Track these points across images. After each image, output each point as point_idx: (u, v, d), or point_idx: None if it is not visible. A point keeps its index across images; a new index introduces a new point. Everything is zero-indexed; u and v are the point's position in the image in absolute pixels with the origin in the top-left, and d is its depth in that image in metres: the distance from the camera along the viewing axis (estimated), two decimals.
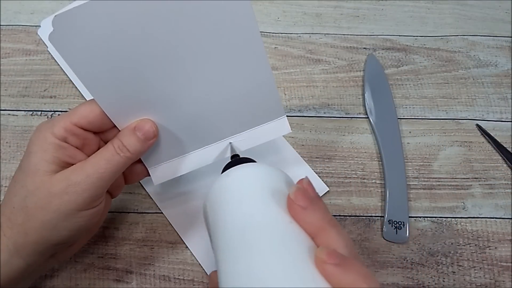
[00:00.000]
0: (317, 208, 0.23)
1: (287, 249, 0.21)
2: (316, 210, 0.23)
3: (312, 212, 0.23)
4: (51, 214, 0.26)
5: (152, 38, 0.27)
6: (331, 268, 0.20)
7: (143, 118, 0.30)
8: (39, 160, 0.27)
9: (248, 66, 0.30)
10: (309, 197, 0.23)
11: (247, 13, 0.28)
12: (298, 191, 0.23)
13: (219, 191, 0.26)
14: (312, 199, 0.23)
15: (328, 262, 0.20)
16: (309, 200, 0.23)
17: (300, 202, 0.23)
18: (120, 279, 0.35)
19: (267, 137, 0.34)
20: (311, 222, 0.23)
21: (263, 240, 0.22)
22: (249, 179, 0.26)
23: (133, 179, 0.33)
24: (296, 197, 0.23)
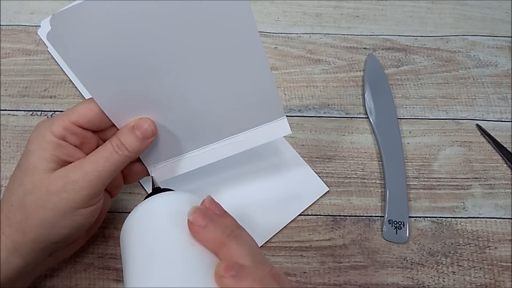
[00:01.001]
0: (217, 224, 0.23)
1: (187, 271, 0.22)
2: (215, 226, 0.23)
3: (212, 229, 0.23)
4: (49, 212, 0.26)
5: (150, 37, 0.27)
6: (229, 281, 0.20)
7: (142, 117, 0.30)
8: (38, 158, 0.27)
9: (247, 66, 0.30)
10: (208, 216, 0.24)
11: (246, 13, 0.27)
12: (196, 212, 0.24)
13: (128, 224, 0.27)
14: (211, 216, 0.24)
15: (225, 276, 0.21)
16: (208, 219, 0.24)
17: (198, 222, 0.23)
18: (120, 279, 0.35)
19: (267, 138, 0.33)
20: (211, 239, 0.23)
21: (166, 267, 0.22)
22: (156, 208, 0.26)
23: (133, 179, 0.33)
24: (194, 218, 0.24)
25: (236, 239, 0.23)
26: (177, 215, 0.25)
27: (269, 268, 0.23)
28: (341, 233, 0.38)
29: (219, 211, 0.25)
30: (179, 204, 0.27)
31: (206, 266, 0.22)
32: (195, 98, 0.30)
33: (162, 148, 0.32)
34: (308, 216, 0.38)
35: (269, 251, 0.37)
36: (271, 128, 0.33)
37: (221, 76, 0.30)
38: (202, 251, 0.23)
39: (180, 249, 0.23)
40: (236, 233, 0.24)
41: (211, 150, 0.33)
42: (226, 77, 0.30)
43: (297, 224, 0.38)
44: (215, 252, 0.23)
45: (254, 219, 0.37)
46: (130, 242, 0.25)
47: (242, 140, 0.33)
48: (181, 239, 0.24)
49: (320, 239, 0.37)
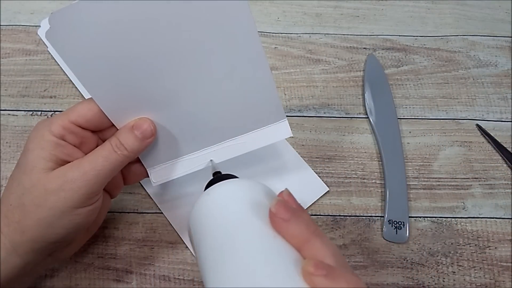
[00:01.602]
0: (300, 219, 0.23)
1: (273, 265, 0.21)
2: (299, 221, 0.22)
3: (295, 224, 0.22)
4: (47, 212, 0.26)
5: (149, 37, 0.27)
6: (319, 280, 0.19)
7: (141, 117, 0.30)
8: (36, 157, 0.27)
9: (246, 67, 0.30)
10: (290, 209, 0.23)
11: (245, 13, 0.27)
12: (279, 204, 0.23)
13: (201, 210, 0.26)
14: (294, 210, 0.23)
15: (315, 274, 0.20)
16: (291, 212, 0.22)
17: (282, 214, 0.22)
18: (120, 279, 0.35)
19: (267, 141, 0.33)
20: (295, 234, 0.22)
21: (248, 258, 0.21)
22: (230, 195, 0.26)
23: (133, 180, 0.33)
24: (277, 210, 0.23)
25: (320, 238, 0.22)
26: (256, 205, 0.24)
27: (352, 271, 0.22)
28: (341, 233, 0.38)
29: (297, 206, 0.24)
30: (255, 193, 0.25)
31: (291, 261, 0.21)
32: (195, 99, 0.30)
33: (162, 150, 0.32)
34: None
35: None
36: (272, 130, 0.33)
37: (220, 77, 0.30)
38: (284, 244, 0.22)
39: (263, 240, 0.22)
40: (319, 231, 0.23)
41: (211, 152, 0.33)
42: (225, 78, 0.30)
43: None
44: (297, 247, 0.22)
45: None
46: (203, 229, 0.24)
47: (242, 142, 0.33)
48: (263, 230, 0.23)
49: None
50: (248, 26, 0.28)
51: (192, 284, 0.35)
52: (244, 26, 0.28)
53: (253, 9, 0.28)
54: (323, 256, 0.21)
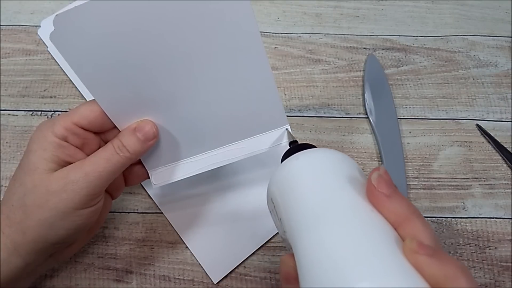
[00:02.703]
0: (401, 197, 0.22)
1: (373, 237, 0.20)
2: (401, 199, 0.22)
3: (396, 201, 0.21)
4: (49, 212, 0.26)
5: (153, 39, 0.27)
6: (424, 259, 0.18)
7: (144, 119, 0.30)
8: (39, 158, 0.27)
9: (248, 70, 0.30)
10: (391, 185, 0.22)
11: (247, 14, 0.27)
12: (380, 178, 0.22)
13: (291, 175, 0.25)
14: (394, 187, 0.22)
15: (420, 253, 0.19)
16: (392, 188, 0.22)
17: (383, 189, 0.21)
18: (120, 279, 0.35)
19: (269, 146, 0.33)
20: (395, 211, 0.21)
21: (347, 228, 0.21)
22: (322, 163, 0.24)
23: (134, 181, 0.33)
24: (379, 183, 0.22)
25: (421, 218, 0.21)
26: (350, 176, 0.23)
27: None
28: None
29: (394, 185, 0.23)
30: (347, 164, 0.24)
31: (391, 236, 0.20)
32: (197, 101, 0.30)
33: (163, 152, 0.32)
34: None
35: (269, 251, 0.37)
36: (273, 136, 0.33)
37: (222, 80, 0.30)
38: (381, 220, 0.21)
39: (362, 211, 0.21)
40: (419, 212, 0.22)
41: (213, 156, 0.33)
42: (227, 81, 0.30)
43: None
44: (394, 225, 0.21)
45: (254, 219, 0.37)
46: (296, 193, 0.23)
47: (244, 147, 0.33)
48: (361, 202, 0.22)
49: None
50: (250, 27, 0.28)
51: (192, 284, 0.35)
52: (246, 28, 0.28)
53: (253, 9, 0.27)
54: (423, 237, 0.20)
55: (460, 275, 0.18)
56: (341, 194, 0.22)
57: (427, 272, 0.18)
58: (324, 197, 0.22)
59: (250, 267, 0.36)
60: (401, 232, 0.21)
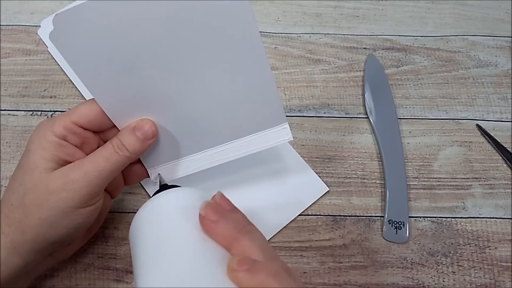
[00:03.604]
0: (228, 219, 0.23)
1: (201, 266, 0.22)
2: (227, 221, 0.23)
3: (223, 224, 0.23)
4: (49, 211, 0.26)
5: (152, 38, 0.27)
6: (242, 275, 0.20)
7: (143, 118, 0.30)
8: (38, 157, 0.27)
9: (248, 68, 0.30)
10: (219, 210, 0.23)
11: (247, 13, 0.27)
12: (207, 206, 0.24)
13: (136, 221, 0.26)
14: (223, 211, 0.24)
15: (238, 270, 0.20)
16: (220, 213, 0.23)
17: (210, 216, 0.23)
18: (120, 279, 0.35)
19: (268, 144, 0.33)
20: (222, 234, 0.23)
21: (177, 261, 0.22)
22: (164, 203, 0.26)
23: (133, 180, 0.33)
24: (206, 212, 0.23)
25: (248, 234, 0.23)
26: (187, 210, 0.25)
27: (281, 263, 0.22)
28: (341, 233, 0.38)
29: (230, 207, 0.25)
30: (189, 199, 0.26)
31: (218, 261, 0.22)
32: (196, 100, 0.30)
33: (162, 151, 0.32)
34: (308, 216, 0.38)
35: None
36: (272, 134, 0.33)
37: (221, 79, 0.30)
38: (213, 246, 0.23)
39: (192, 244, 0.23)
40: (247, 229, 0.23)
41: (211, 154, 0.33)
42: (226, 79, 0.30)
43: (297, 224, 0.38)
44: (226, 247, 0.23)
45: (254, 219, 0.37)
46: (139, 237, 0.25)
47: (242, 145, 0.33)
48: (192, 234, 0.23)
49: (320, 239, 0.37)
50: (250, 26, 0.28)
51: None
52: (246, 27, 0.28)
53: (253, 9, 0.27)
54: (250, 252, 0.22)
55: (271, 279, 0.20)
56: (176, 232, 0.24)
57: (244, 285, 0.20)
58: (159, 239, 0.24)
59: None
60: (232, 252, 0.23)
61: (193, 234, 0.23)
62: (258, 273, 0.20)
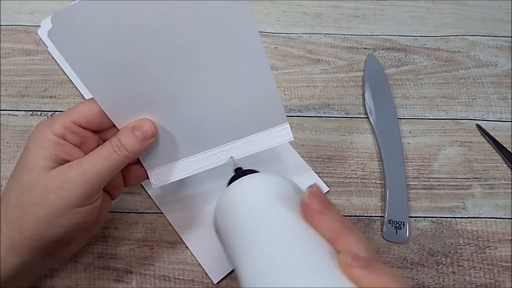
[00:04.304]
0: (333, 212, 0.22)
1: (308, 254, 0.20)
2: (333, 214, 0.22)
3: (328, 216, 0.22)
4: (46, 210, 0.26)
5: (151, 38, 0.27)
6: (358, 272, 0.19)
7: (142, 118, 0.30)
8: (37, 156, 0.27)
9: (247, 69, 0.30)
10: (323, 202, 0.22)
11: (246, 13, 0.27)
12: (312, 195, 0.23)
13: (228, 202, 0.26)
14: (327, 203, 0.23)
15: (355, 266, 0.19)
16: (324, 204, 0.22)
17: (315, 205, 0.22)
18: (120, 279, 0.35)
19: (268, 144, 0.33)
20: (328, 226, 0.22)
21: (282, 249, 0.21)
22: (258, 187, 0.25)
23: (133, 181, 0.33)
24: (310, 200, 0.22)
25: (353, 231, 0.22)
26: (284, 197, 0.24)
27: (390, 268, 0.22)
28: None
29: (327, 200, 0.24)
30: (282, 186, 0.25)
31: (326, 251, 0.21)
32: (196, 100, 0.30)
33: (162, 152, 0.32)
34: None
35: None
36: (273, 134, 0.33)
37: (221, 78, 0.30)
38: (316, 236, 0.22)
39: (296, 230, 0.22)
40: (351, 225, 0.22)
41: (212, 155, 0.33)
42: (226, 80, 0.30)
43: None
44: (330, 240, 0.22)
45: None
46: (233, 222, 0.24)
47: (243, 145, 0.33)
48: (294, 221, 0.22)
49: None
50: (250, 27, 0.28)
51: (192, 284, 0.35)
52: (245, 27, 0.28)
53: (253, 9, 0.27)
54: (356, 250, 0.21)
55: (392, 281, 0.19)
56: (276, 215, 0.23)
57: (362, 283, 0.19)
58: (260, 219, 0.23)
59: None
60: (336, 247, 0.22)
61: (295, 221, 0.22)
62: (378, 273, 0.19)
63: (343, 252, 0.21)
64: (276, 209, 0.23)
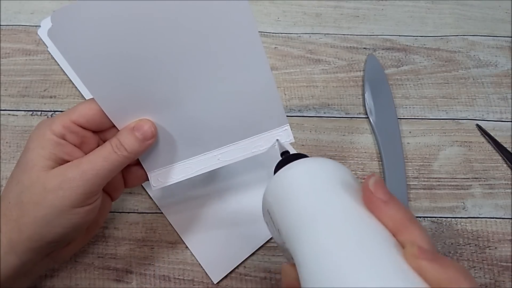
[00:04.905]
0: (398, 203, 0.22)
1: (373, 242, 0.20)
2: (398, 204, 0.21)
3: (394, 207, 0.21)
4: (45, 210, 0.26)
5: (151, 38, 0.27)
6: (426, 264, 0.19)
7: (142, 119, 0.30)
8: (36, 156, 0.27)
9: (247, 69, 0.30)
10: (388, 191, 0.22)
11: (245, 13, 0.27)
12: (377, 183, 0.22)
13: (284, 184, 0.25)
14: (390, 193, 0.22)
15: (421, 258, 0.19)
16: (389, 194, 0.22)
17: (381, 195, 0.21)
18: (120, 279, 0.35)
19: (269, 146, 0.33)
20: (393, 217, 0.21)
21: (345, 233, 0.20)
22: (316, 171, 0.24)
23: (133, 183, 0.33)
24: (376, 189, 0.22)
25: (418, 224, 0.21)
26: (345, 182, 0.23)
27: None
28: None
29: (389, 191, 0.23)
30: (341, 171, 0.24)
31: (390, 242, 0.20)
32: (196, 101, 0.30)
33: (162, 153, 0.32)
34: None
35: (269, 251, 0.37)
36: (273, 136, 0.33)
37: (221, 80, 0.30)
38: (380, 225, 0.21)
39: (360, 217, 0.21)
40: (415, 218, 0.22)
41: (212, 156, 0.33)
42: (226, 81, 0.30)
43: None
44: (393, 231, 0.21)
45: (254, 219, 0.37)
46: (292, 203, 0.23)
47: (244, 147, 0.32)
48: (358, 208, 0.22)
49: None
50: (249, 28, 0.28)
51: (192, 284, 0.35)
52: (245, 27, 0.28)
53: (253, 9, 0.27)
54: (421, 243, 0.20)
55: (462, 278, 0.18)
56: (337, 200, 0.22)
57: (430, 276, 0.19)
58: (320, 204, 0.22)
59: (250, 267, 0.36)
60: (399, 238, 0.21)
61: (359, 208, 0.21)
62: (447, 267, 0.19)
63: (409, 244, 0.20)
64: (338, 194, 0.22)
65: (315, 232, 0.21)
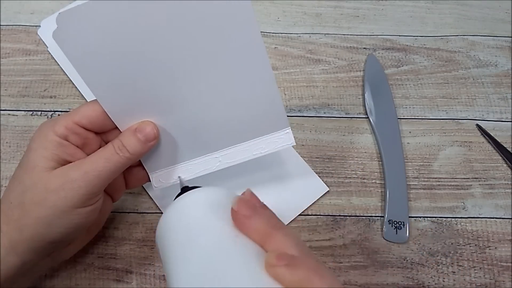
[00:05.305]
0: (262, 215, 0.23)
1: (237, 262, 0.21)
2: (260, 217, 0.23)
3: (256, 220, 0.23)
4: (47, 210, 0.26)
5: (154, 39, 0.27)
6: (281, 270, 0.20)
7: (145, 120, 0.30)
8: (38, 156, 0.27)
9: (249, 72, 0.30)
10: (252, 206, 0.23)
11: (248, 14, 0.27)
12: (240, 202, 0.23)
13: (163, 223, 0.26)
14: (256, 207, 0.23)
15: (277, 265, 0.20)
16: (252, 209, 0.23)
17: (243, 211, 0.23)
18: (120, 279, 0.35)
19: (270, 149, 0.33)
20: (257, 230, 0.22)
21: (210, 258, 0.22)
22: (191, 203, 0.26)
23: (134, 184, 0.33)
24: (238, 207, 0.23)
25: (282, 230, 0.22)
26: (216, 207, 0.25)
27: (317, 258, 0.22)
28: (341, 233, 0.38)
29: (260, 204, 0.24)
30: (216, 197, 0.26)
31: (254, 256, 0.21)
32: (198, 103, 0.30)
33: (164, 154, 0.32)
34: (308, 216, 0.38)
35: None
36: (275, 139, 0.33)
37: (223, 81, 0.30)
38: (247, 241, 0.22)
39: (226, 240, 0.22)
40: (280, 225, 0.23)
41: (213, 158, 0.33)
42: (228, 83, 0.30)
43: (297, 224, 0.38)
44: (260, 243, 0.22)
45: None
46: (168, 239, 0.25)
47: (245, 149, 0.33)
48: (224, 230, 0.23)
49: (320, 239, 0.37)
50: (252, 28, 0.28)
51: None
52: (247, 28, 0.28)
53: (253, 9, 0.27)
54: (286, 248, 0.21)
55: (314, 276, 0.19)
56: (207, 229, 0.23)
57: (285, 281, 0.20)
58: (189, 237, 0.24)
59: None
60: (267, 248, 0.22)
61: (225, 230, 0.23)
62: (298, 268, 0.20)
63: (268, 253, 0.21)
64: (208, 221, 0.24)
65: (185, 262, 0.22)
